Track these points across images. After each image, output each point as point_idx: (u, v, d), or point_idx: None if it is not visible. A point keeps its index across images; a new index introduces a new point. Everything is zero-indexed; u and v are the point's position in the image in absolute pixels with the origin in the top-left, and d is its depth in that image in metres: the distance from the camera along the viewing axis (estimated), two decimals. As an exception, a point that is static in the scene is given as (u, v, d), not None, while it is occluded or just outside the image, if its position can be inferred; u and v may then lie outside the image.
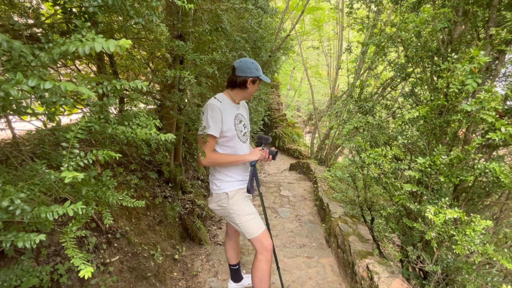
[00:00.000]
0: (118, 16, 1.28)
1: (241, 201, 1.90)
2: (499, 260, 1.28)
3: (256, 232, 1.82)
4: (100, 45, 0.51)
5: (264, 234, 1.85)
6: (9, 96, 0.45)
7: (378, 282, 1.91)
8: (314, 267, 2.89)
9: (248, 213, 1.87)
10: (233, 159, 1.89)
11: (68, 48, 0.52)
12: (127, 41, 0.52)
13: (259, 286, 1.84)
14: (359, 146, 1.73)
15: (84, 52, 0.52)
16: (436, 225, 1.41)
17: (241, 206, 1.88)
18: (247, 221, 1.84)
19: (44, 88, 0.49)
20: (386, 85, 2.56)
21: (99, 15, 0.72)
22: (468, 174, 1.26)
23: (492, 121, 1.05)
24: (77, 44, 0.52)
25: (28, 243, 0.64)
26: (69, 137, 0.67)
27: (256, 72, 1.84)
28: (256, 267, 1.84)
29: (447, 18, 1.38)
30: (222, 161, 1.88)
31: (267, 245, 1.84)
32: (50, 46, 0.55)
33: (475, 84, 1.08)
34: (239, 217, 1.86)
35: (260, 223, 1.88)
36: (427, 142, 1.59)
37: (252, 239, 1.84)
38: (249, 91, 1.91)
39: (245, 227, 1.84)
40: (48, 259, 1.74)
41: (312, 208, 4.94)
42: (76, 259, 0.73)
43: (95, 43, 0.51)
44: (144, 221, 2.96)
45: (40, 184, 0.69)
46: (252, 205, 1.97)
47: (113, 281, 2.12)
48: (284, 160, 11.48)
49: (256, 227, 1.84)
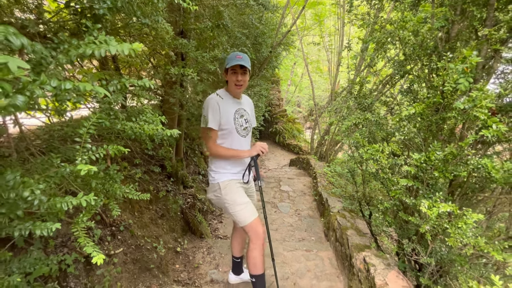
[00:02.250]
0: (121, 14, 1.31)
1: (233, 191, 1.97)
2: (490, 252, 1.33)
3: (247, 220, 1.90)
4: (115, 48, 0.55)
5: (255, 222, 1.92)
6: (33, 95, 0.49)
7: (374, 273, 1.97)
8: (313, 260, 2.96)
9: (240, 203, 1.94)
10: (233, 153, 1.97)
11: (85, 51, 0.56)
12: (139, 44, 0.55)
13: (254, 272, 1.96)
14: (358, 142, 1.77)
15: (99, 55, 0.56)
16: (430, 218, 1.46)
17: (233, 196, 1.95)
18: (239, 210, 1.92)
19: (65, 88, 0.53)
20: (385, 82, 2.58)
21: (108, 16, 0.76)
22: (462, 170, 1.31)
23: (485, 118, 1.09)
24: (93, 47, 0.56)
25: (45, 231, 0.69)
26: (82, 132, 0.71)
27: (226, 64, 1.89)
28: (249, 256, 1.95)
29: (445, 17, 1.41)
30: (223, 154, 1.96)
31: (259, 233, 1.91)
32: (65, 47, 0.59)
33: (467, 83, 1.11)
34: (231, 206, 1.94)
35: (252, 212, 1.94)
36: (423, 138, 1.63)
37: (245, 226, 1.92)
38: (229, 84, 1.96)
39: (237, 215, 1.93)
40: (55, 250, 1.80)
41: (311, 203, 5.01)
42: (88, 247, 0.78)
43: (110, 46, 0.55)
44: (147, 214, 3.02)
45: (54, 176, 0.73)
46: (245, 195, 2.03)
47: (117, 272, 2.19)
48: (284, 155, 11.54)
49: (247, 215, 1.92)
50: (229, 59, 1.89)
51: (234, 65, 1.85)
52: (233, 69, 1.89)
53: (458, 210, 1.30)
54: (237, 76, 1.91)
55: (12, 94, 0.46)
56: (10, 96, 0.46)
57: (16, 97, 0.47)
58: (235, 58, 1.86)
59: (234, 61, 1.85)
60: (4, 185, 0.61)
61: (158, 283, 2.51)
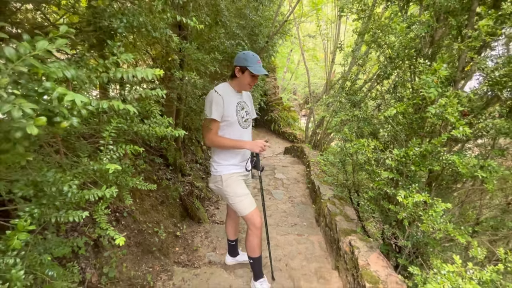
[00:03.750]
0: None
1: (234, 184, 2.11)
2: (456, 236, 1.52)
3: (246, 211, 2.06)
4: (141, 73, 0.67)
5: (254, 213, 2.08)
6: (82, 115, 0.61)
7: (358, 255, 2.18)
8: (304, 243, 3.18)
9: (240, 194, 2.09)
10: (233, 144, 2.04)
11: (115, 74, 0.68)
12: (160, 71, 0.67)
13: (251, 255, 2.18)
14: (346, 137, 1.92)
15: (127, 77, 0.67)
16: (407, 206, 1.65)
17: (234, 188, 2.09)
18: (239, 201, 2.07)
19: (102, 107, 0.65)
20: (374, 80, 2.71)
21: (124, 33, 0.86)
22: (435, 164, 1.47)
23: (454, 121, 1.24)
24: (122, 71, 0.67)
25: (76, 217, 0.83)
26: (105, 135, 0.83)
27: (244, 62, 1.96)
28: (247, 240, 2.15)
29: (428, 23, 1.53)
30: (223, 144, 2.04)
31: (257, 223, 2.08)
32: (94, 67, 0.70)
33: (436, 93, 1.26)
34: (232, 197, 2.09)
35: (251, 203, 2.10)
36: (406, 134, 1.78)
37: (243, 216, 2.09)
38: (240, 80, 2.05)
39: (237, 206, 2.08)
40: (66, 234, 1.95)
41: (304, 191, 5.22)
42: (110, 231, 0.92)
43: (137, 72, 0.67)
44: (147, 201, 3.18)
45: (82, 172, 0.86)
46: (245, 186, 2.18)
47: (123, 254, 2.36)
48: (279, 143, 11.71)
49: (246, 206, 2.07)
50: (250, 61, 1.93)
51: (249, 69, 1.93)
52: (253, 74, 1.96)
53: (430, 200, 1.47)
54: (255, 80, 2.02)
55: (68, 117, 0.58)
56: (68, 118, 0.57)
57: (72, 119, 0.59)
58: (256, 64, 1.94)
59: (257, 67, 1.93)
60: (45, 181, 0.74)
61: (160, 264, 2.70)
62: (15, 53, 0.49)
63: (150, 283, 2.37)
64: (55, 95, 0.53)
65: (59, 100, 0.53)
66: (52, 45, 0.53)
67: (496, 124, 1.32)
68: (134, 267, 2.46)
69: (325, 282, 2.47)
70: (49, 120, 0.53)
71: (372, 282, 1.88)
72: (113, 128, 0.85)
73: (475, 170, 1.29)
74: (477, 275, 1.30)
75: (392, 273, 1.98)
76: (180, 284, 2.41)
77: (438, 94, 1.26)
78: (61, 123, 0.56)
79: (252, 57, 1.97)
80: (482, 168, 1.40)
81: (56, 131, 0.57)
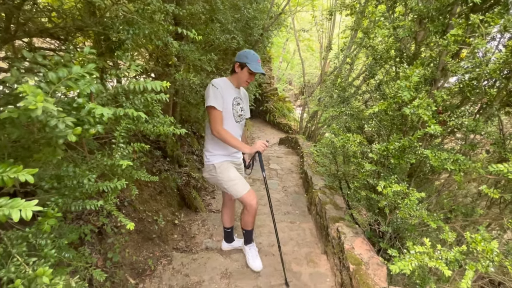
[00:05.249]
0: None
1: (226, 170, 2.27)
2: (428, 221, 1.70)
3: (241, 193, 2.24)
4: (150, 85, 0.78)
5: (248, 194, 2.25)
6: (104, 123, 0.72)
7: (344, 240, 2.36)
8: (296, 230, 3.37)
9: (233, 178, 2.26)
10: (235, 144, 2.11)
11: (129, 86, 0.79)
12: (167, 83, 0.78)
13: (245, 228, 2.47)
14: (334, 131, 2.06)
15: (139, 89, 0.79)
16: (388, 195, 1.81)
17: (226, 174, 2.25)
18: (233, 184, 2.24)
19: (119, 114, 0.76)
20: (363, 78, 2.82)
21: (130, 42, 0.96)
22: (412, 158, 1.63)
23: (427, 119, 1.38)
24: (134, 82, 0.79)
25: (93, 206, 0.96)
26: (116, 135, 0.95)
27: (244, 59, 2.08)
28: (242, 217, 2.41)
29: (410, 28, 1.65)
30: (227, 139, 2.10)
31: (252, 203, 2.27)
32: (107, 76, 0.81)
33: (409, 96, 1.39)
34: (226, 182, 2.25)
35: (244, 185, 2.27)
36: (388, 130, 1.93)
37: (239, 198, 2.27)
38: (238, 76, 2.17)
39: (232, 189, 2.25)
40: (72, 222, 2.08)
41: (298, 180, 5.41)
42: (121, 217, 1.05)
43: (147, 83, 0.78)
44: (146, 191, 3.31)
45: (96, 167, 0.98)
46: (236, 171, 2.33)
47: (125, 240, 2.51)
48: (274, 134, 11.85)
49: (241, 189, 2.24)
50: (250, 59, 2.05)
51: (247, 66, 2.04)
52: (252, 72, 2.08)
53: (406, 190, 1.63)
54: (252, 78, 2.14)
55: (94, 124, 0.69)
56: (94, 126, 0.69)
57: (98, 126, 0.70)
58: (256, 62, 2.05)
59: (257, 66, 2.04)
60: (67, 175, 0.86)
61: (159, 250, 2.86)
62: (56, 77, 0.60)
63: (151, 267, 2.53)
64: (86, 108, 0.64)
65: (89, 112, 0.65)
66: (84, 69, 0.64)
67: (465, 122, 1.47)
68: (136, 252, 2.62)
69: (314, 265, 2.67)
70: (80, 128, 0.65)
71: (355, 264, 2.07)
72: (123, 128, 0.96)
73: (445, 163, 1.45)
74: (443, 255, 1.48)
75: (374, 256, 2.17)
76: (179, 268, 2.58)
77: (410, 97, 1.39)
78: (90, 130, 0.68)
79: (252, 55, 2.09)
80: (454, 161, 1.56)
81: (84, 136, 0.69)
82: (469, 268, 1.35)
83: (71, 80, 0.61)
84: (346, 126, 2.21)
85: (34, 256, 0.77)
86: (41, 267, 0.68)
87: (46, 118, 0.57)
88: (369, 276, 1.93)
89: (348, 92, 2.28)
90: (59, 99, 0.64)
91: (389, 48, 1.75)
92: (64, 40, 1.59)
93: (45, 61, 0.65)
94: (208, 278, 2.44)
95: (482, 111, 1.75)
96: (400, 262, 1.30)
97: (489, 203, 2.11)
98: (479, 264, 1.36)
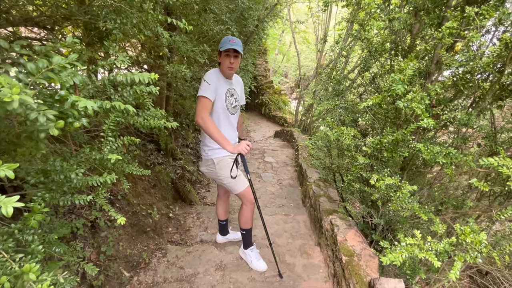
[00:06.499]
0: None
1: (226, 166, 2.25)
2: (419, 214, 1.72)
3: (240, 189, 2.25)
4: (138, 77, 0.75)
5: (247, 190, 2.27)
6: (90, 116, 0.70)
7: (337, 232, 2.39)
8: (290, 222, 3.40)
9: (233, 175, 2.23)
10: (220, 140, 2.02)
11: (116, 78, 0.76)
12: (155, 75, 0.76)
13: (244, 227, 2.41)
14: (328, 125, 2.06)
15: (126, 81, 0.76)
16: (381, 188, 1.83)
17: (226, 170, 2.23)
18: (232, 181, 2.23)
19: (106, 107, 0.74)
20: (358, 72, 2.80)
21: (119, 33, 0.92)
22: (405, 151, 1.64)
23: (420, 113, 1.38)
24: (122, 74, 0.76)
25: (82, 201, 0.94)
26: (105, 128, 0.93)
27: (223, 45, 2.01)
28: (241, 214, 2.37)
29: (405, 20, 1.63)
30: (210, 130, 2.00)
31: (251, 199, 2.29)
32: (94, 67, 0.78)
33: (403, 89, 1.39)
34: (226, 179, 2.25)
35: (243, 182, 2.27)
36: (382, 123, 1.93)
37: (238, 194, 2.28)
38: (221, 65, 2.12)
39: (231, 186, 2.26)
40: (64, 216, 2.06)
41: (292, 173, 5.43)
42: (112, 212, 1.04)
43: (135, 75, 0.75)
44: (140, 185, 3.29)
45: (84, 161, 0.96)
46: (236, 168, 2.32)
47: (119, 234, 2.50)
48: (270, 127, 11.82)
49: (239, 185, 2.24)
50: (223, 42, 2.02)
51: (228, 48, 1.99)
52: (226, 53, 2.03)
53: (398, 183, 1.65)
54: (230, 59, 2.06)
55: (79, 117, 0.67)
56: (78, 119, 0.66)
57: (82, 120, 0.68)
58: (228, 42, 2.00)
59: (227, 44, 1.99)
60: (54, 169, 0.83)
61: (154, 243, 2.87)
62: (36, 68, 0.57)
63: (146, 260, 2.54)
64: (69, 101, 0.62)
65: (72, 105, 0.62)
66: (65, 59, 0.61)
67: (457, 115, 1.48)
68: (130, 246, 2.62)
69: (307, 257, 2.70)
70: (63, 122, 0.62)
71: (348, 255, 2.10)
72: (111, 121, 0.94)
73: (438, 157, 1.46)
74: (433, 246, 1.51)
75: (367, 248, 2.21)
76: (174, 261, 2.59)
77: (404, 90, 1.39)
78: (73, 123, 0.65)
79: (225, 39, 2.03)
80: (446, 155, 1.57)
81: (68, 130, 0.67)
82: (458, 259, 1.38)
83: (52, 71, 0.58)
84: (340, 119, 2.21)
85: (22, 252, 0.76)
86: (27, 263, 0.67)
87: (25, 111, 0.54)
88: (361, 267, 1.96)
89: (343, 85, 2.27)
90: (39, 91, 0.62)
91: (384, 41, 1.74)
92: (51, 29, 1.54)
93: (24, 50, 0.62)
94: (202, 270, 2.46)
95: (475, 105, 1.76)
96: (390, 254, 1.32)
97: (479, 196, 2.15)
98: (468, 255, 1.39)
